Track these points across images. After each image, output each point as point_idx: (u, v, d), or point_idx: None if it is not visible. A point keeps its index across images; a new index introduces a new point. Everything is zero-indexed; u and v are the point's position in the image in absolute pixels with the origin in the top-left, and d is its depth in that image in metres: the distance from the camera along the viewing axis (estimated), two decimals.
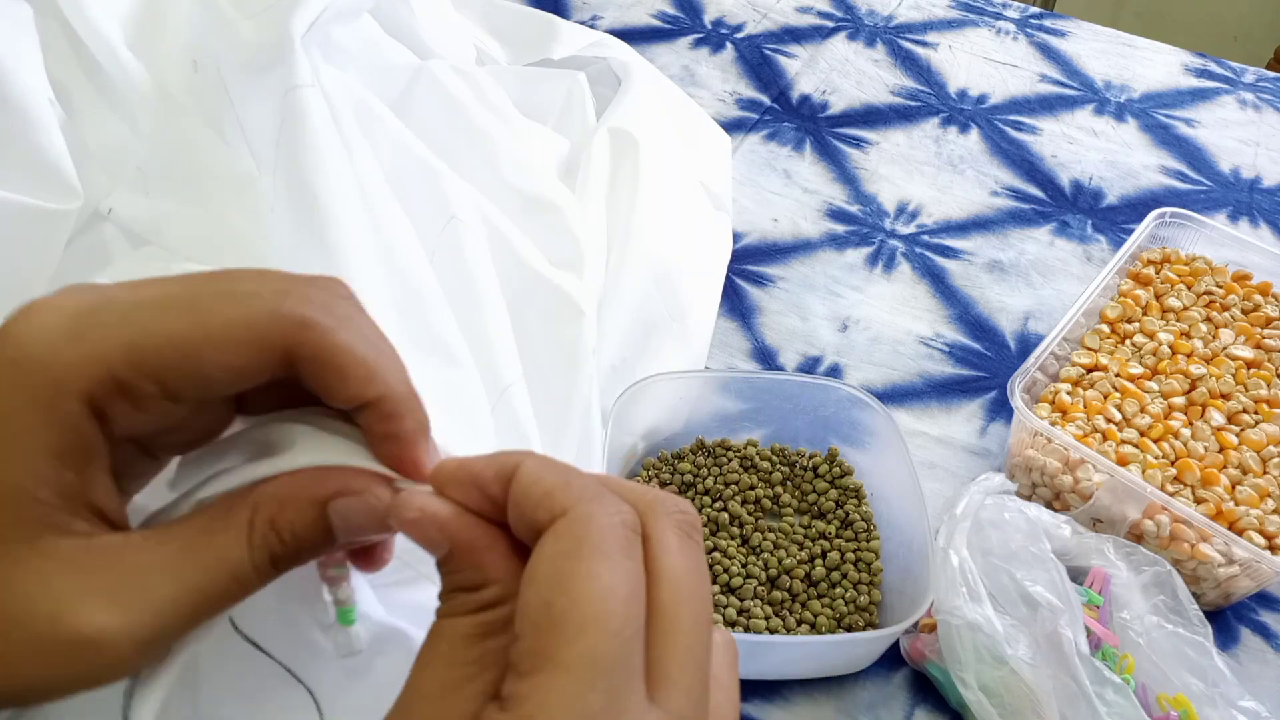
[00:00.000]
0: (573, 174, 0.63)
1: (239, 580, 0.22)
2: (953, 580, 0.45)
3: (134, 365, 0.21)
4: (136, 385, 0.21)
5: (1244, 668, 0.51)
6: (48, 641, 0.20)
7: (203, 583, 0.21)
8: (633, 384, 0.53)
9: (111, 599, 0.20)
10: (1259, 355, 0.59)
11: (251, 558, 0.22)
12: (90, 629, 0.20)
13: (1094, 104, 0.86)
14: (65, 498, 0.21)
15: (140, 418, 0.22)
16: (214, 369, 0.22)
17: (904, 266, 0.71)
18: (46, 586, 0.20)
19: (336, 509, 0.23)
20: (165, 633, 0.21)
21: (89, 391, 0.21)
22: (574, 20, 0.84)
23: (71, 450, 0.21)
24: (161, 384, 0.21)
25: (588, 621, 0.19)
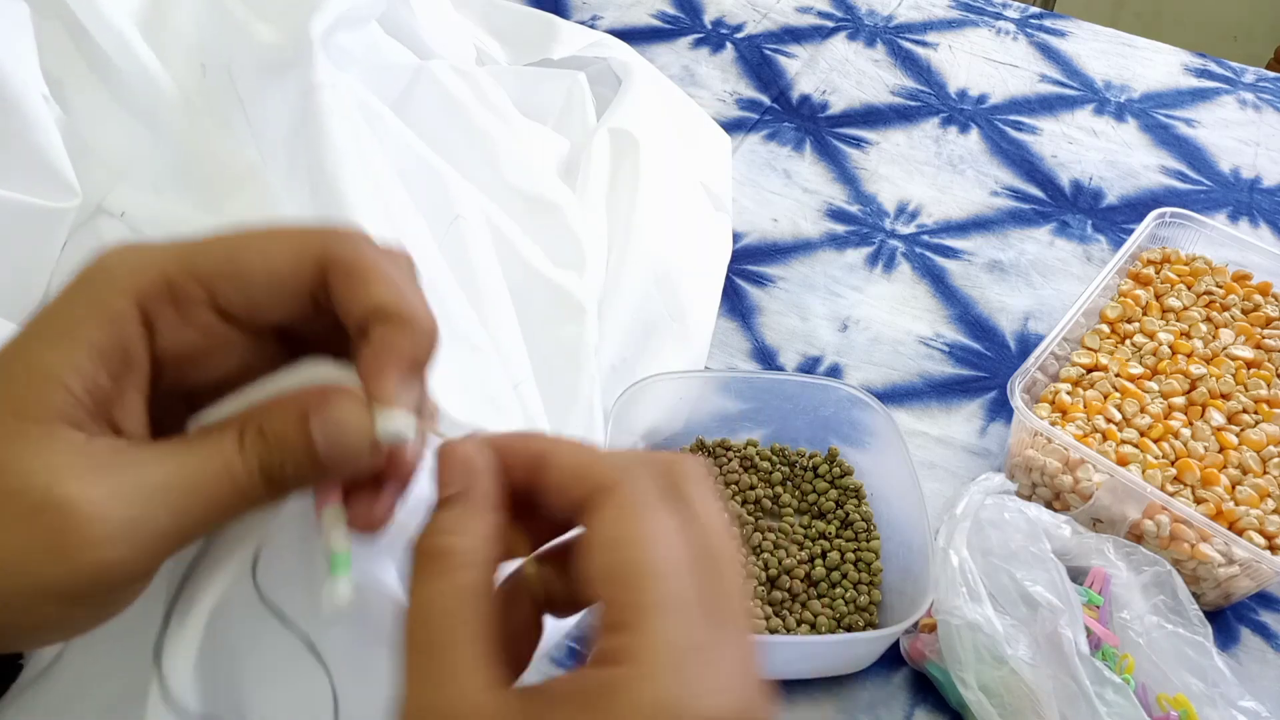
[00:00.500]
0: (573, 174, 0.63)
1: (231, 481, 0.22)
2: (953, 580, 0.45)
3: (185, 268, 0.22)
4: (186, 289, 0.23)
5: (1244, 668, 0.51)
6: (35, 503, 0.20)
7: (192, 478, 0.22)
8: (633, 384, 0.53)
9: (104, 479, 0.21)
10: (1259, 355, 0.59)
11: (242, 462, 0.23)
12: (80, 500, 0.20)
13: (1094, 104, 0.86)
14: (92, 398, 0.22)
15: (185, 334, 0.23)
16: (256, 272, 0.23)
17: (904, 266, 0.71)
18: (46, 462, 0.21)
19: (317, 419, 0.23)
20: (151, 523, 0.21)
21: (140, 291, 0.22)
22: (574, 20, 0.84)
23: (111, 351, 0.22)
24: (210, 289, 0.23)
25: (661, 572, 0.22)
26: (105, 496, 0.21)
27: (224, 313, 0.24)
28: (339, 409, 0.23)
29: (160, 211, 0.49)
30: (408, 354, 0.24)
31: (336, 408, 0.23)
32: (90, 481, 0.21)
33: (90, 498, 0.21)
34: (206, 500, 0.22)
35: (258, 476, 0.23)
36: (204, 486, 0.22)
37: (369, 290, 0.23)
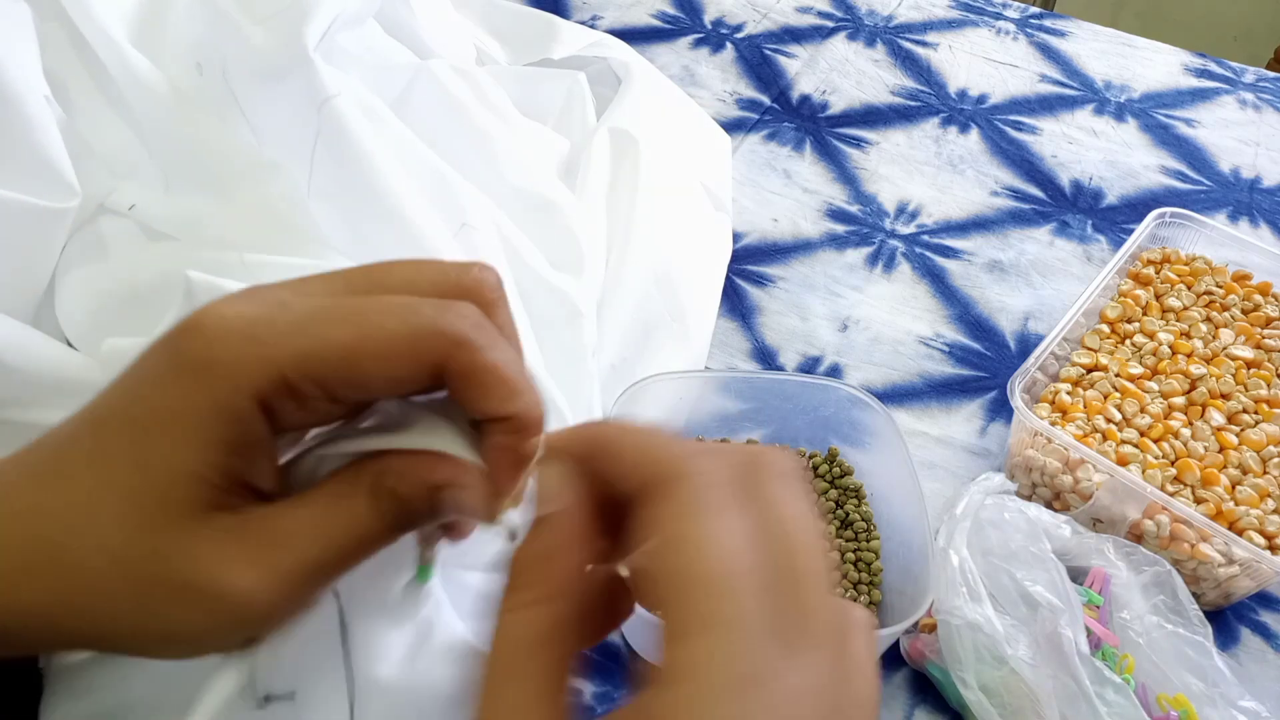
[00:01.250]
0: (573, 174, 0.63)
1: (364, 541, 0.24)
2: (953, 580, 0.45)
3: (303, 371, 0.23)
4: (303, 389, 0.23)
5: (1244, 668, 0.51)
6: (205, 595, 0.23)
7: (333, 546, 0.24)
8: (633, 384, 0.53)
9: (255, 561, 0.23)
10: (1259, 355, 0.59)
11: (377, 523, 0.24)
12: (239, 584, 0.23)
13: (1094, 104, 0.86)
14: (230, 481, 0.23)
15: (302, 415, 0.24)
16: (374, 378, 0.24)
17: (904, 266, 0.71)
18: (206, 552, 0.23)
19: (449, 495, 0.25)
20: (301, 588, 0.24)
21: (261, 391, 0.23)
22: (574, 20, 0.84)
23: (240, 442, 0.23)
24: (325, 388, 0.24)
25: (727, 580, 0.20)
26: (262, 578, 0.23)
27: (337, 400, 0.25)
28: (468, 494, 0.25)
29: (170, 206, 0.49)
30: (526, 452, 0.25)
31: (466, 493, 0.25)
32: (247, 567, 0.23)
33: (250, 584, 0.23)
34: (343, 557, 0.24)
35: (385, 533, 0.25)
36: (343, 547, 0.24)
37: (489, 401, 0.24)
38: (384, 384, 0.24)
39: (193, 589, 0.23)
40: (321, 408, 0.24)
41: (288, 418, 0.24)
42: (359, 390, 0.24)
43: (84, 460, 0.23)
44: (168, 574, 0.23)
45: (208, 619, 0.23)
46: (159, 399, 0.23)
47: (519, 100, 0.65)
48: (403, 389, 0.25)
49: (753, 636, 0.20)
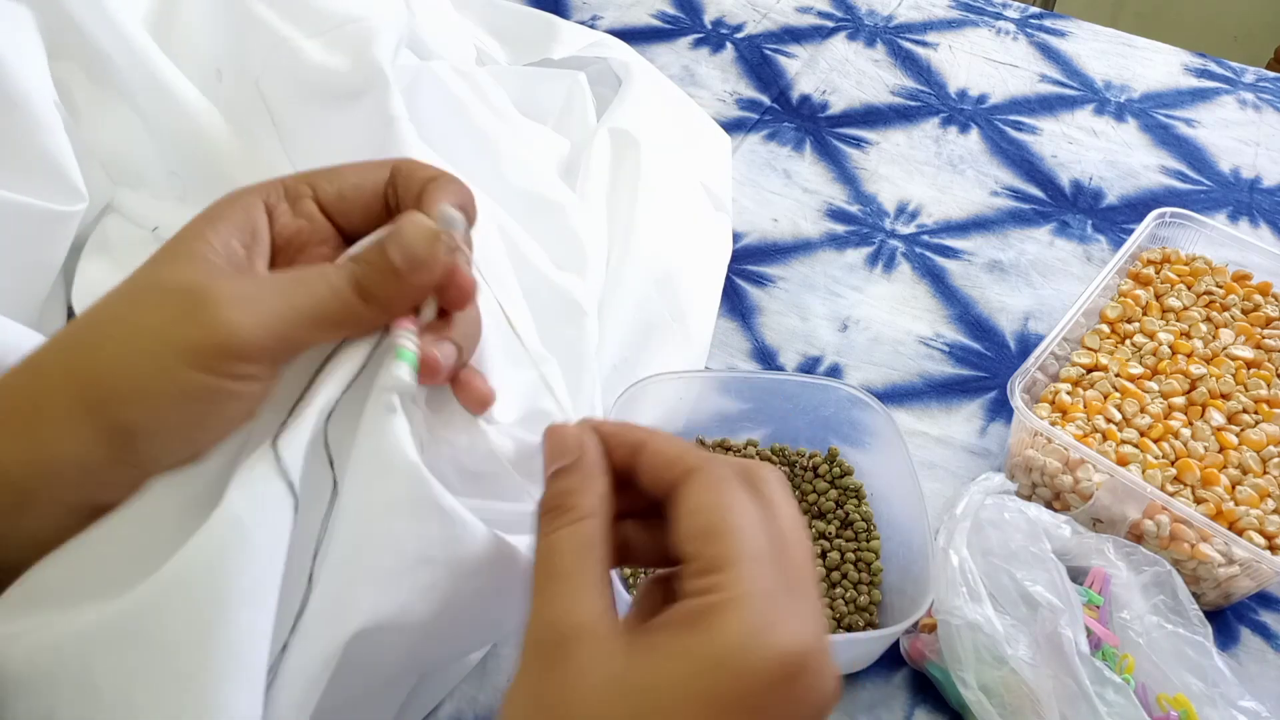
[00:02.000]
0: (573, 174, 0.64)
1: (336, 297, 0.29)
2: (953, 580, 0.45)
3: (299, 179, 0.31)
4: (297, 191, 0.31)
5: (1244, 668, 0.51)
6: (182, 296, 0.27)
7: (301, 281, 0.29)
8: (633, 384, 0.53)
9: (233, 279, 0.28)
10: (1259, 355, 0.59)
11: (339, 277, 0.29)
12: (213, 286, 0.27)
13: (1094, 104, 0.86)
14: (228, 254, 0.29)
15: (294, 223, 0.31)
16: (350, 183, 0.32)
17: (904, 266, 0.71)
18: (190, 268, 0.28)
19: (392, 237, 0.29)
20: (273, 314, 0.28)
21: (266, 195, 0.31)
22: (574, 20, 0.84)
23: (243, 226, 0.30)
24: (315, 192, 0.31)
25: (745, 531, 0.27)
26: (233, 287, 0.27)
27: (323, 210, 0.31)
28: (406, 222, 0.30)
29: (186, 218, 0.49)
30: (453, 191, 0.31)
31: (405, 223, 0.30)
32: (223, 279, 0.28)
33: (221, 286, 0.27)
34: (312, 303, 0.28)
35: (350, 289, 0.29)
36: (310, 292, 0.28)
37: (419, 173, 0.31)
38: (354, 179, 0.32)
39: (183, 290, 0.27)
40: (308, 210, 0.31)
41: (283, 219, 0.31)
42: (335, 186, 0.31)
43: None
44: (167, 282, 0.28)
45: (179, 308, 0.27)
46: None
47: (519, 100, 0.65)
48: (366, 185, 0.32)
49: (770, 570, 0.26)
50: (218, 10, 0.50)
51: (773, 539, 0.27)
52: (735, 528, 0.27)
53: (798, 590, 0.27)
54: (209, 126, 0.48)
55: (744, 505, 0.28)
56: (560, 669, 0.26)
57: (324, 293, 0.29)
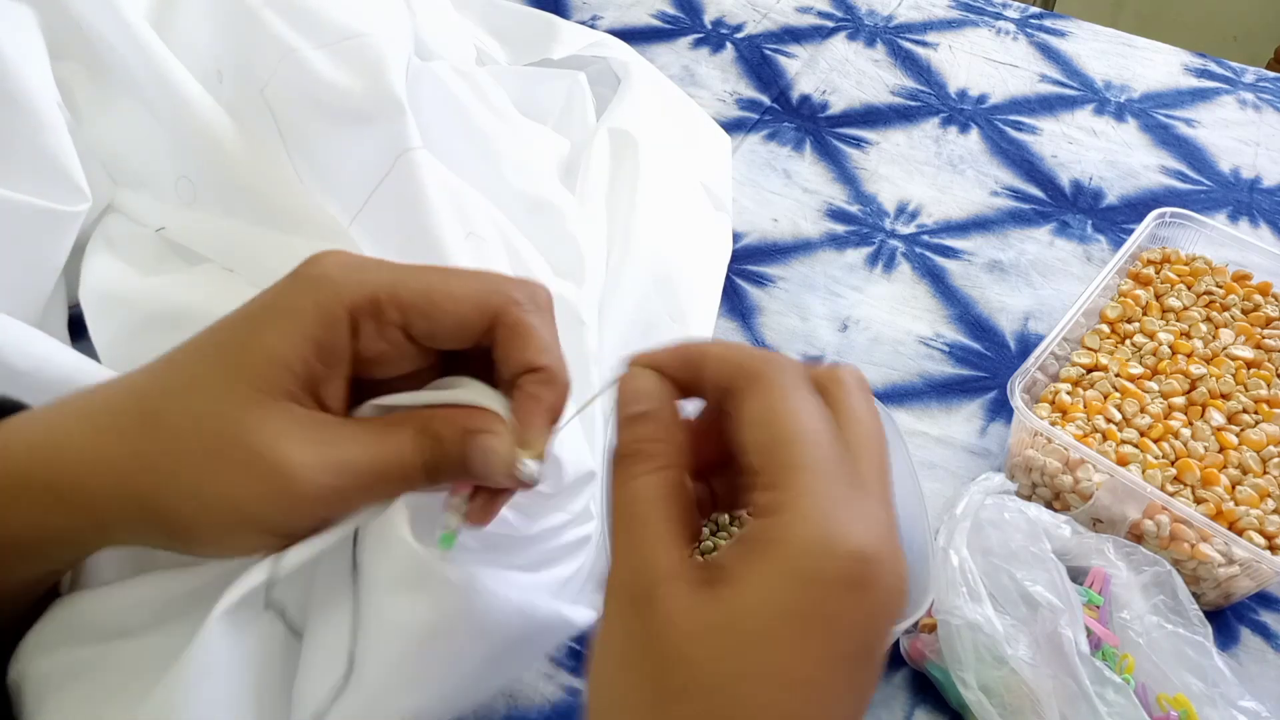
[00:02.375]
0: (573, 174, 0.63)
1: (403, 470, 0.29)
2: (953, 580, 0.45)
3: (391, 296, 0.29)
4: (387, 309, 0.29)
5: (1244, 668, 0.51)
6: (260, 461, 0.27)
7: (378, 462, 0.28)
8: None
9: (315, 447, 0.27)
10: (1259, 355, 0.59)
11: (413, 456, 0.29)
12: (292, 458, 0.27)
13: (1094, 104, 0.86)
14: (308, 380, 0.28)
15: (378, 344, 0.29)
16: (444, 314, 0.29)
17: (904, 266, 0.71)
18: (274, 429, 0.27)
19: (478, 441, 0.29)
20: (343, 491, 0.28)
21: (354, 304, 0.28)
22: (574, 20, 0.84)
23: (327, 346, 0.28)
24: (405, 316, 0.29)
25: (807, 438, 0.26)
26: (315, 463, 0.27)
27: (410, 335, 0.30)
28: (496, 439, 0.29)
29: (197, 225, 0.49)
30: (551, 406, 0.30)
31: (494, 438, 0.29)
32: (305, 451, 0.27)
33: (304, 463, 0.27)
34: (383, 478, 0.29)
35: (421, 469, 0.29)
36: (384, 468, 0.28)
37: (528, 351, 0.30)
38: (451, 321, 0.29)
39: (256, 455, 0.26)
40: (395, 339, 0.29)
41: (367, 341, 0.29)
42: (430, 323, 0.29)
43: (194, 347, 0.28)
44: (240, 438, 0.27)
45: (257, 486, 0.27)
46: (273, 300, 0.28)
47: (519, 100, 0.65)
48: (464, 332, 0.30)
49: (834, 476, 0.26)
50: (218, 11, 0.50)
51: (840, 444, 0.27)
52: (797, 437, 0.26)
53: (866, 494, 0.26)
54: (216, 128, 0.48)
55: (808, 412, 0.27)
56: (649, 615, 0.26)
57: (398, 468, 0.29)
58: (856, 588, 0.25)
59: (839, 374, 0.29)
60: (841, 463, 0.26)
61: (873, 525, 0.26)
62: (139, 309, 0.46)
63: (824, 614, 0.24)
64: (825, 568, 0.25)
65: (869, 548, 0.25)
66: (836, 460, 0.26)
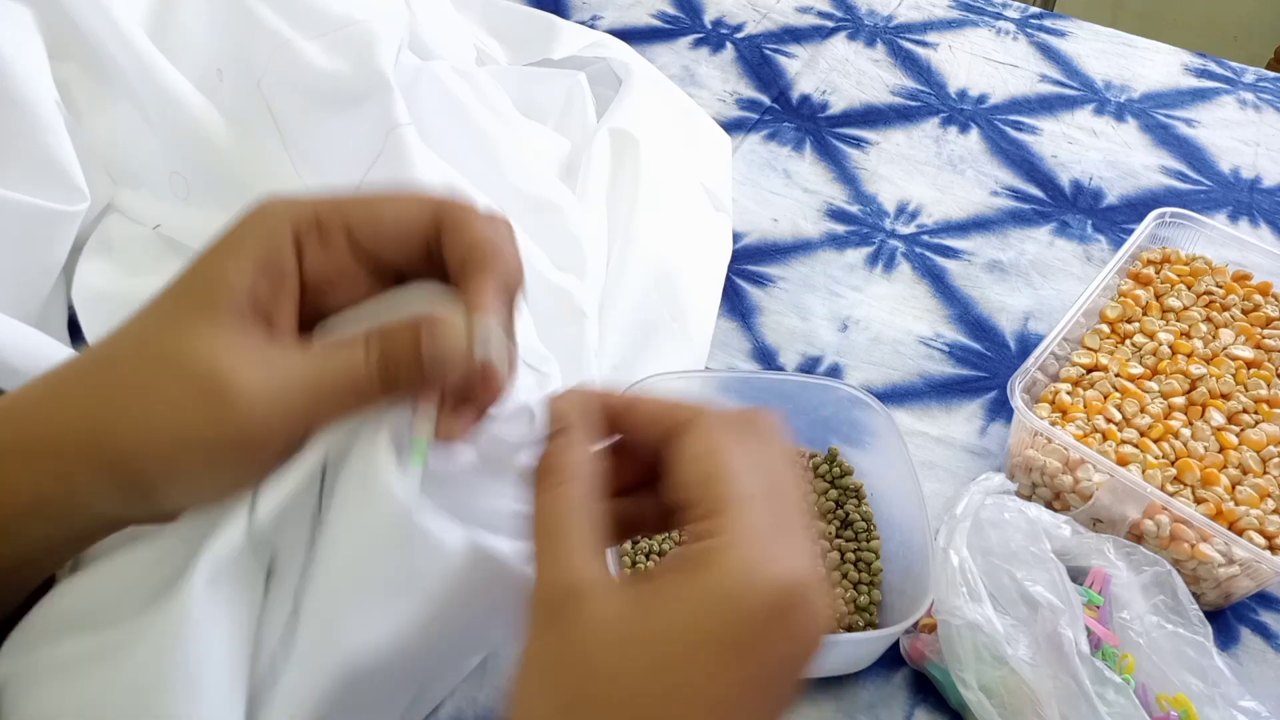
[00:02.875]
0: (573, 174, 0.64)
1: (355, 379, 0.28)
2: (953, 580, 0.45)
3: (332, 209, 0.29)
4: (330, 224, 0.29)
5: (1244, 668, 0.51)
6: (202, 383, 0.26)
7: (327, 372, 0.28)
8: (633, 384, 0.53)
9: (259, 367, 0.26)
10: (1259, 355, 0.59)
11: (365, 364, 0.28)
12: (236, 378, 0.26)
13: (1094, 104, 0.86)
14: (252, 298, 0.27)
15: (325, 261, 0.29)
16: (387, 218, 0.29)
17: (904, 266, 0.71)
18: (211, 344, 0.26)
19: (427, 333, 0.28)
20: (292, 407, 0.27)
21: (296, 221, 0.28)
22: (574, 20, 0.84)
23: (270, 264, 0.28)
24: (348, 227, 0.29)
25: (740, 475, 0.28)
26: (255, 378, 0.26)
27: (357, 248, 0.29)
28: (444, 324, 0.28)
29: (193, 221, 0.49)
30: (499, 279, 0.29)
31: (442, 323, 0.28)
32: (245, 363, 0.26)
33: (243, 377, 0.26)
34: (334, 390, 0.28)
35: (376, 377, 0.28)
36: (334, 379, 0.28)
37: (470, 233, 0.29)
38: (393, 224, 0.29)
39: (194, 371, 0.26)
40: (341, 254, 0.29)
41: (312, 259, 0.29)
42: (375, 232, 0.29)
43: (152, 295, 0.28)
44: (179, 356, 0.26)
45: (202, 410, 0.26)
46: (221, 235, 0.28)
47: (519, 100, 0.65)
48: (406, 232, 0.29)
49: (765, 509, 0.27)
50: (216, 9, 0.50)
51: (768, 480, 0.28)
52: (731, 472, 0.28)
53: (791, 528, 0.27)
54: (210, 126, 0.48)
55: (740, 449, 0.28)
56: (568, 625, 0.26)
57: (348, 382, 0.28)
58: (780, 616, 0.25)
59: (758, 416, 0.30)
60: (769, 497, 0.28)
61: (799, 559, 0.26)
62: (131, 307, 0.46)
63: (746, 640, 0.25)
64: (752, 595, 0.25)
65: (795, 579, 0.26)
66: (765, 497, 0.28)
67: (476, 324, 0.28)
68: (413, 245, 0.30)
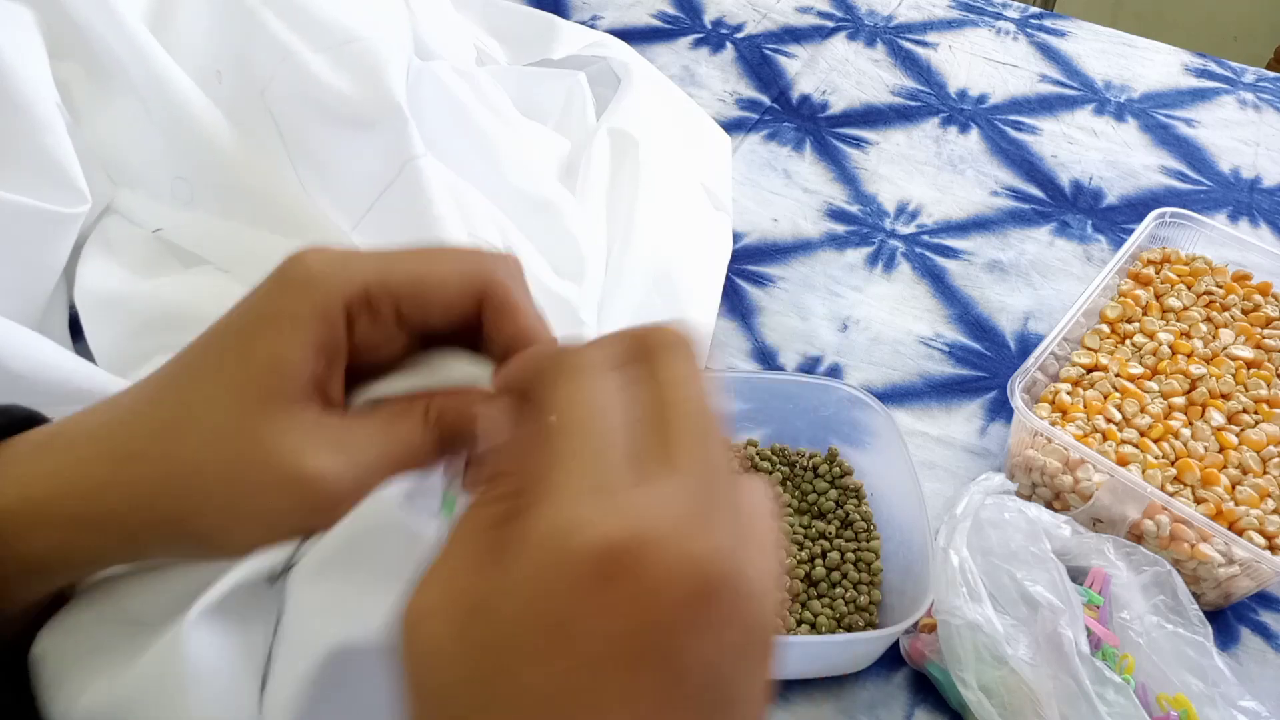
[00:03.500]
0: (573, 174, 0.63)
1: (415, 451, 0.29)
2: (953, 580, 0.45)
3: (382, 285, 0.28)
4: (379, 301, 0.29)
5: (1244, 668, 0.51)
6: (289, 476, 0.26)
7: (394, 450, 0.28)
8: None
9: (336, 452, 0.27)
10: (1259, 355, 0.59)
11: (425, 435, 0.29)
12: (319, 469, 0.27)
13: (1094, 104, 0.86)
14: (315, 381, 0.28)
15: (372, 333, 0.29)
16: (434, 296, 0.29)
17: (904, 266, 0.71)
18: (293, 438, 0.27)
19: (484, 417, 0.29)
20: (366, 485, 0.28)
21: (348, 299, 0.28)
22: (574, 20, 0.84)
23: (327, 344, 0.28)
24: (396, 303, 0.29)
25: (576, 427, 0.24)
26: (336, 462, 0.27)
27: (402, 320, 0.29)
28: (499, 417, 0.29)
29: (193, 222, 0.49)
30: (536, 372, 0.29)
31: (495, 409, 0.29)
32: (326, 456, 0.27)
33: (329, 468, 0.27)
34: (399, 459, 0.29)
35: (433, 445, 0.29)
36: (399, 449, 0.29)
37: (516, 323, 0.30)
38: (440, 302, 0.29)
39: (280, 469, 0.26)
40: (387, 327, 0.29)
41: (362, 332, 0.29)
42: (421, 307, 0.29)
43: (197, 361, 0.28)
44: (261, 454, 0.27)
45: (288, 499, 0.27)
46: (265, 306, 0.28)
47: (519, 100, 0.65)
48: (453, 314, 0.30)
49: (601, 465, 0.23)
50: (217, 11, 0.50)
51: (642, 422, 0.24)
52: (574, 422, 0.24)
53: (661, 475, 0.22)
54: (213, 129, 0.48)
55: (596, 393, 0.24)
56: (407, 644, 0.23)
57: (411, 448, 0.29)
58: (605, 581, 0.20)
59: (656, 339, 0.26)
60: (629, 444, 0.23)
61: (653, 508, 0.21)
62: (135, 312, 0.46)
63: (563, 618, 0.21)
64: (563, 562, 0.21)
65: (630, 533, 0.21)
66: (619, 445, 0.23)
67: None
68: (457, 318, 0.30)
